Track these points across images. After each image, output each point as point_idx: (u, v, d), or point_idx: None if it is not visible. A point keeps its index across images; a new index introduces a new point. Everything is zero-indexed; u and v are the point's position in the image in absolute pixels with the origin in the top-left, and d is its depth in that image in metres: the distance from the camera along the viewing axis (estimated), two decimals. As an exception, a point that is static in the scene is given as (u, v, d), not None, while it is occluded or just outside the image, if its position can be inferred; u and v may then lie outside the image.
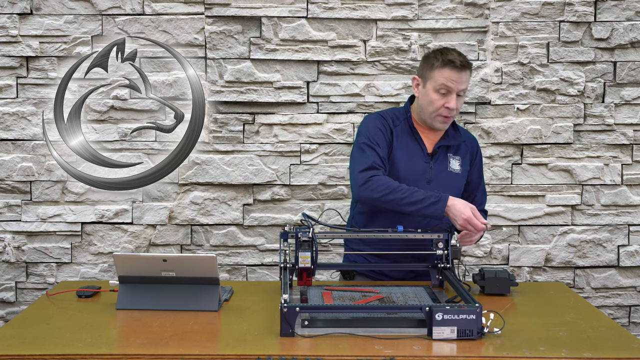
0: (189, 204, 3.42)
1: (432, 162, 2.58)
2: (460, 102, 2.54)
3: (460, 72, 2.49)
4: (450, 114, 2.52)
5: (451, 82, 2.49)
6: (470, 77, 2.57)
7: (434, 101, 2.51)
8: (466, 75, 2.52)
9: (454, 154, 2.62)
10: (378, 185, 2.42)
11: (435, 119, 2.54)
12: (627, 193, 3.46)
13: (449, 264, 2.35)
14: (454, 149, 2.63)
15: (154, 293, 2.17)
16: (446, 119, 2.53)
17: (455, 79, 2.49)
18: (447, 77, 2.49)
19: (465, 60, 2.52)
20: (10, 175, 3.38)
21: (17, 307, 3.44)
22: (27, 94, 3.36)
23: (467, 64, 2.52)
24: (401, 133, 2.59)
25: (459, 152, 2.64)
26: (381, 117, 2.62)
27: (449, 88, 2.49)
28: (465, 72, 2.51)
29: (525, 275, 3.48)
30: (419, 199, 2.39)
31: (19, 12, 3.32)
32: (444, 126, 2.57)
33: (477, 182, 2.70)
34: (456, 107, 2.51)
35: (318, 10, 3.35)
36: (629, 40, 3.38)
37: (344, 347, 1.80)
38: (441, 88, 2.49)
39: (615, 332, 1.98)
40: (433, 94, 2.51)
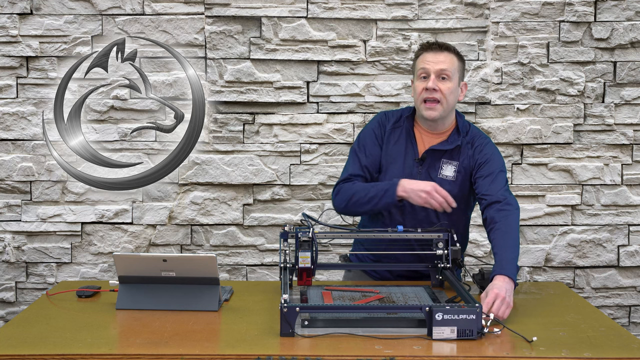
0: (189, 204, 3.42)
1: (422, 167, 2.51)
2: (446, 86, 2.44)
3: (435, 53, 2.46)
4: (432, 95, 2.44)
5: (426, 63, 2.46)
6: (454, 62, 2.48)
7: (416, 88, 2.49)
8: (444, 57, 2.46)
9: (449, 158, 2.51)
10: (342, 195, 2.49)
11: (421, 107, 2.48)
12: (627, 193, 3.46)
13: (449, 264, 2.35)
14: (450, 154, 2.51)
15: (154, 293, 2.17)
16: (430, 104, 2.45)
17: (431, 59, 2.46)
18: (424, 60, 2.47)
19: (444, 43, 2.52)
20: (10, 175, 3.38)
21: (17, 307, 3.44)
22: (27, 94, 3.36)
23: (443, 45, 2.50)
24: (399, 135, 2.55)
25: (456, 157, 2.52)
26: (381, 119, 2.60)
27: (426, 70, 2.46)
28: (441, 52, 2.46)
29: (525, 275, 3.48)
30: (373, 194, 2.41)
31: (19, 12, 3.32)
32: (431, 113, 2.46)
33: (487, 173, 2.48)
34: (437, 88, 2.43)
35: (318, 10, 3.35)
36: (629, 40, 3.38)
37: (344, 347, 1.80)
38: (420, 73, 2.48)
39: (615, 332, 1.98)
40: (416, 82, 2.50)
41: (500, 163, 2.53)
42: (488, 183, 2.46)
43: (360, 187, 2.47)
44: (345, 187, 2.50)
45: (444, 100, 2.44)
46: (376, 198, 2.41)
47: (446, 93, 2.44)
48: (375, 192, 2.42)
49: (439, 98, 2.44)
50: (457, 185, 2.49)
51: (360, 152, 2.55)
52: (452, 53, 2.49)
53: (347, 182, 2.52)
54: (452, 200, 2.35)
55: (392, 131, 2.56)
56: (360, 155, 2.54)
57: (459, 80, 2.50)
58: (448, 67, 2.45)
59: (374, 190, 2.43)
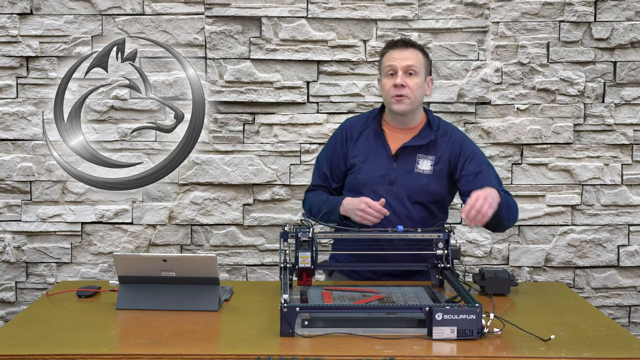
0: (189, 204, 3.42)
1: (396, 163, 2.54)
2: (414, 82, 2.49)
3: (401, 49, 2.53)
4: (400, 92, 2.48)
5: (393, 60, 2.51)
6: (421, 58, 2.53)
7: (385, 85, 2.54)
8: (410, 53, 2.52)
9: (425, 153, 2.54)
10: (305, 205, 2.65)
11: (390, 102, 2.53)
12: (627, 193, 3.46)
13: (449, 264, 2.35)
14: (426, 149, 2.54)
15: (154, 293, 2.17)
16: (398, 98, 2.49)
17: (397, 56, 2.51)
18: (390, 58, 2.53)
19: (409, 40, 2.58)
20: (10, 175, 3.38)
21: (17, 307, 3.44)
22: (27, 94, 3.36)
23: (409, 42, 2.56)
24: (367, 136, 2.60)
25: (432, 152, 2.54)
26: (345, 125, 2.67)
27: (393, 67, 2.51)
28: (407, 49, 2.53)
29: (525, 275, 3.48)
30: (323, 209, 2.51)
31: (19, 12, 3.32)
32: (400, 107, 2.50)
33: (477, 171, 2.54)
34: (406, 84, 2.48)
35: (318, 10, 3.35)
36: (629, 40, 3.38)
37: (344, 347, 1.80)
38: (388, 70, 2.53)
39: (615, 332, 1.98)
40: (384, 79, 2.55)
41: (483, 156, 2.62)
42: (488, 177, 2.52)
43: (316, 200, 2.59)
44: (307, 197, 2.66)
45: (412, 95, 2.50)
46: (327, 214, 2.51)
47: (414, 88, 2.50)
48: (326, 208, 2.52)
49: (407, 94, 2.50)
50: (435, 178, 2.54)
51: (322, 162, 2.66)
52: (418, 49, 2.56)
53: (310, 192, 2.67)
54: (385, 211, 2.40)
55: (361, 133, 2.61)
56: (322, 165, 2.65)
57: (425, 75, 2.56)
58: (415, 63, 2.51)
59: (324, 207, 2.53)
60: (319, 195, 2.61)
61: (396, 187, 2.52)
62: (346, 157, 2.60)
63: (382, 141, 2.58)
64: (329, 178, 2.63)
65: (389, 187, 2.51)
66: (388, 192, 2.50)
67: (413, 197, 2.52)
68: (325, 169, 2.63)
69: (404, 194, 2.52)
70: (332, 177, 2.63)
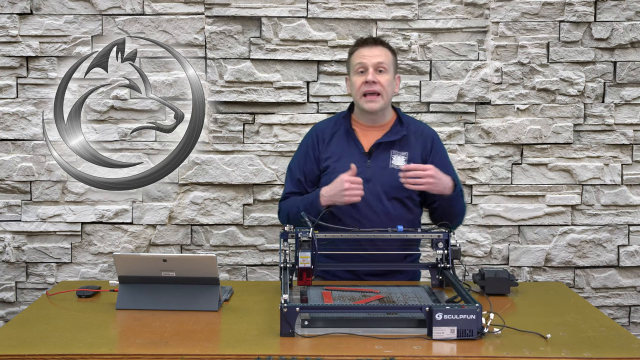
0: (189, 204, 3.42)
1: (370, 160, 2.57)
2: (385, 79, 2.54)
3: (370, 47, 2.57)
4: (372, 88, 2.52)
5: (363, 57, 2.55)
6: (390, 56, 2.58)
7: (355, 82, 2.57)
8: (379, 50, 2.56)
9: (399, 149, 2.58)
10: (281, 214, 2.65)
11: (361, 101, 2.56)
12: (627, 193, 3.46)
13: (449, 264, 2.35)
14: (399, 145, 2.59)
15: (154, 293, 2.17)
16: (370, 97, 2.53)
17: (367, 53, 2.55)
18: (360, 55, 2.57)
19: (377, 38, 2.63)
20: (10, 175, 3.38)
21: (17, 307, 3.44)
22: (27, 94, 3.36)
23: (378, 40, 2.60)
24: (338, 137, 2.63)
25: (406, 147, 2.59)
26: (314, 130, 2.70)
27: (363, 64, 2.55)
28: (376, 46, 2.57)
29: (525, 275, 3.48)
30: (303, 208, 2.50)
31: (19, 12, 3.32)
32: (372, 105, 2.54)
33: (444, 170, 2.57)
34: (377, 81, 2.52)
35: (318, 10, 3.35)
36: (629, 40, 3.38)
37: (344, 347, 1.80)
38: (358, 68, 2.56)
39: (615, 332, 1.98)
40: (354, 77, 2.58)
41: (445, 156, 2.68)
42: None
43: (292, 202, 2.59)
44: (282, 206, 2.66)
45: (384, 92, 2.54)
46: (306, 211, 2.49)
47: (385, 85, 2.54)
48: (304, 206, 2.52)
49: (379, 90, 2.53)
50: None
51: (294, 167, 2.67)
52: (386, 47, 2.61)
53: (284, 200, 2.66)
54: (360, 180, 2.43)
55: (332, 135, 2.63)
56: (294, 171, 2.67)
57: (394, 73, 2.61)
58: (384, 60, 2.55)
59: (302, 204, 2.54)
60: (292, 200, 2.62)
61: (372, 184, 2.54)
62: (319, 160, 2.62)
63: (354, 140, 2.61)
64: (304, 183, 2.64)
65: (365, 185, 2.53)
66: (364, 190, 2.51)
67: (389, 193, 2.54)
68: (299, 175, 2.64)
69: (381, 190, 2.54)
70: (307, 182, 2.64)
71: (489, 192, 3.44)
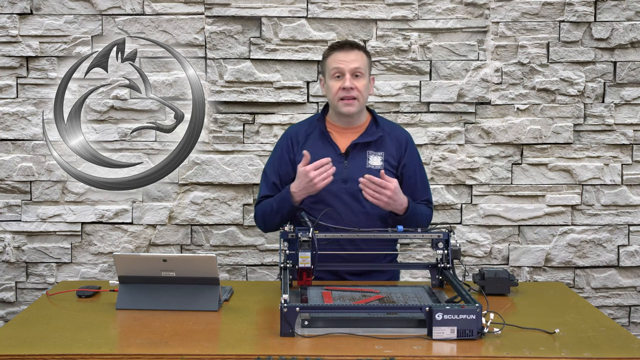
0: (189, 204, 3.42)
1: (347, 161, 2.60)
2: (361, 84, 2.58)
3: (347, 52, 2.59)
4: (349, 94, 2.56)
5: (339, 62, 2.58)
6: (366, 59, 2.62)
7: (332, 87, 2.60)
8: (355, 55, 2.59)
9: (375, 150, 2.63)
10: (257, 219, 2.67)
11: (338, 105, 2.60)
12: (627, 193, 3.46)
13: (449, 264, 2.35)
14: (375, 145, 2.63)
15: (154, 293, 2.17)
16: (347, 101, 2.57)
17: (343, 59, 2.58)
18: (336, 60, 2.59)
19: (352, 41, 2.65)
20: (10, 175, 3.38)
21: (17, 307, 3.44)
22: (27, 94, 3.36)
23: (354, 44, 2.62)
24: (313, 139, 2.65)
25: (381, 148, 2.64)
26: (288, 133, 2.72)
27: (340, 70, 2.58)
28: (352, 51, 2.59)
29: (525, 275, 3.48)
30: (277, 207, 2.55)
31: (19, 12, 3.32)
32: (350, 109, 2.59)
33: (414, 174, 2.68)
34: (354, 87, 2.56)
35: (318, 10, 3.35)
36: (629, 40, 3.38)
37: (344, 347, 1.80)
38: (334, 73, 2.59)
39: (615, 332, 1.98)
40: (330, 81, 2.61)
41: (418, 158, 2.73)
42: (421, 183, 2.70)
43: (265, 204, 2.61)
44: (257, 209, 2.68)
45: (361, 96, 2.59)
46: (280, 209, 2.54)
47: (362, 90, 2.59)
48: (277, 205, 2.55)
49: (356, 95, 2.57)
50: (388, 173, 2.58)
51: (269, 171, 2.69)
52: (362, 51, 2.64)
53: (259, 204, 2.68)
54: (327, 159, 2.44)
55: (307, 137, 2.66)
56: (269, 174, 2.68)
57: (369, 75, 2.65)
58: (361, 65, 2.59)
59: (275, 203, 2.57)
60: (266, 202, 2.63)
61: (349, 184, 2.57)
62: (295, 162, 2.63)
63: (330, 141, 2.64)
64: (279, 186, 2.65)
65: (343, 185, 2.56)
66: (342, 190, 2.53)
67: None
68: (274, 178, 2.66)
69: (358, 191, 2.54)
70: (282, 185, 2.65)
71: (489, 192, 3.44)
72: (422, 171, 2.74)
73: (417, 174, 2.69)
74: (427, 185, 2.75)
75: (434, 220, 3.40)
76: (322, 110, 2.75)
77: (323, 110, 2.74)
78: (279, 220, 2.56)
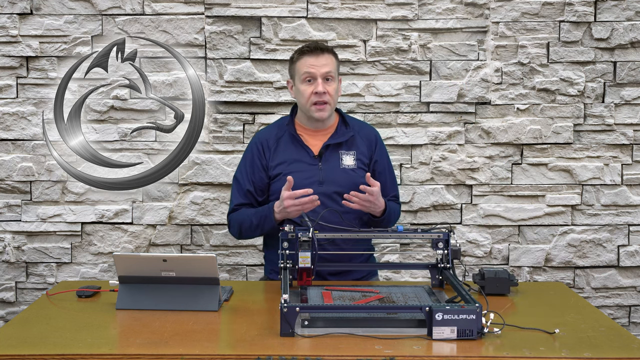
0: (189, 204, 3.42)
1: (321, 163, 2.62)
2: (332, 87, 2.60)
3: (317, 56, 2.59)
4: (322, 99, 2.58)
5: (310, 67, 2.59)
6: (335, 62, 2.64)
7: (303, 92, 2.61)
8: (326, 59, 2.60)
9: (347, 150, 2.66)
10: (232, 227, 2.68)
11: (311, 110, 2.61)
12: (627, 193, 3.46)
13: (449, 264, 2.35)
14: (346, 145, 2.66)
15: (154, 293, 2.17)
16: (320, 106, 2.59)
17: (314, 63, 2.59)
18: (306, 64, 2.59)
19: (322, 45, 2.65)
20: (10, 175, 3.38)
21: (17, 307, 3.44)
22: (27, 94, 3.36)
23: (324, 47, 2.62)
24: (285, 143, 2.67)
25: (353, 147, 2.67)
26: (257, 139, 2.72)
27: (311, 74, 2.59)
28: (322, 55, 2.60)
29: (525, 275, 3.48)
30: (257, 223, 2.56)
31: (19, 12, 3.32)
32: (322, 114, 2.61)
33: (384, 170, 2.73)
34: (326, 91, 2.57)
35: (318, 10, 3.35)
36: (629, 40, 3.38)
37: (344, 347, 1.80)
38: (305, 77, 2.60)
39: (615, 332, 1.98)
40: (301, 85, 2.61)
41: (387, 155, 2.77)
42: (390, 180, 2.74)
43: (245, 216, 2.62)
44: (232, 218, 2.68)
45: (332, 100, 2.61)
46: (260, 225, 2.56)
47: (333, 94, 2.61)
48: (258, 221, 2.57)
49: (328, 100, 2.59)
50: (360, 172, 2.63)
51: (242, 178, 2.69)
52: (331, 54, 2.65)
53: (233, 212, 2.67)
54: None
55: (277, 142, 2.67)
56: (242, 182, 2.68)
57: (338, 77, 2.67)
58: (331, 69, 2.61)
59: (255, 219, 2.58)
60: (244, 212, 2.64)
61: (325, 185, 2.60)
62: (267, 168, 2.66)
63: (302, 144, 2.66)
64: (254, 194, 2.66)
65: (319, 187, 2.58)
66: (319, 192, 2.54)
67: (344, 193, 2.55)
68: (248, 185, 2.66)
69: (334, 191, 2.58)
70: (257, 192, 2.66)
71: (489, 192, 3.44)
72: (391, 167, 2.79)
73: (386, 170, 2.75)
74: (395, 181, 2.80)
75: (434, 220, 3.42)
76: (290, 113, 2.76)
77: (291, 113, 2.75)
78: (259, 234, 2.63)
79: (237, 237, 2.73)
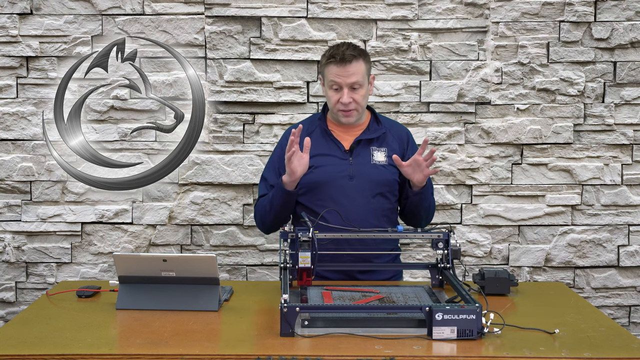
0: (189, 204, 3.42)
1: (352, 158, 2.60)
2: (360, 95, 2.55)
3: (344, 66, 2.52)
4: (347, 108, 2.55)
5: (337, 77, 2.54)
6: (364, 68, 2.56)
7: (330, 98, 2.59)
8: (354, 68, 2.52)
9: (378, 146, 2.63)
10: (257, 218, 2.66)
11: (338, 115, 2.60)
12: (627, 193, 3.46)
13: (449, 264, 2.35)
14: (378, 141, 2.64)
15: (154, 293, 2.17)
16: (346, 112, 2.57)
17: (340, 73, 2.53)
18: (333, 73, 2.54)
19: (349, 54, 2.52)
20: (10, 175, 3.38)
21: (17, 307, 3.44)
22: (27, 94, 3.36)
23: (351, 56, 2.52)
24: (316, 137, 2.64)
25: (384, 144, 2.64)
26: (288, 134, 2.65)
27: (337, 83, 2.55)
28: (349, 65, 2.51)
29: (525, 275, 3.48)
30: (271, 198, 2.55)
31: (19, 12, 3.32)
32: (349, 120, 2.59)
33: None
34: (353, 101, 2.54)
35: (318, 10, 3.35)
36: (629, 40, 3.38)
37: (344, 347, 1.80)
38: (332, 84, 2.57)
39: (615, 332, 1.98)
40: (328, 91, 2.59)
41: None
42: None
43: (262, 204, 2.62)
44: (255, 208, 2.68)
45: (359, 106, 2.58)
46: (274, 199, 2.53)
47: (360, 100, 2.57)
48: (272, 196, 2.55)
49: (354, 107, 2.56)
50: (390, 168, 2.60)
51: (268, 173, 2.68)
52: (360, 59, 2.55)
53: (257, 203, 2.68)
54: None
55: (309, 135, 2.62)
56: (268, 176, 2.67)
57: (368, 78, 2.60)
58: (358, 78, 2.54)
59: (270, 196, 2.57)
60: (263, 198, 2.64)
61: (356, 180, 2.57)
62: None
63: (333, 139, 2.64)
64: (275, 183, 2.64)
65: (349, 182, 2.56)
66: (349, 187, 2.53)
67: (374, 189, 2.57)
68: (277, 178, 2.61)
69: (365, 187, 2.56)
70: None
71: (489, 192, 3.44)
72: None
73: None
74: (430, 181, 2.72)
75: (434, 220, 3.41)
76: (322, 109, 2.74)
77: (323, 109, 2.73)
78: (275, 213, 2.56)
79: (261, 226, 2.66)
